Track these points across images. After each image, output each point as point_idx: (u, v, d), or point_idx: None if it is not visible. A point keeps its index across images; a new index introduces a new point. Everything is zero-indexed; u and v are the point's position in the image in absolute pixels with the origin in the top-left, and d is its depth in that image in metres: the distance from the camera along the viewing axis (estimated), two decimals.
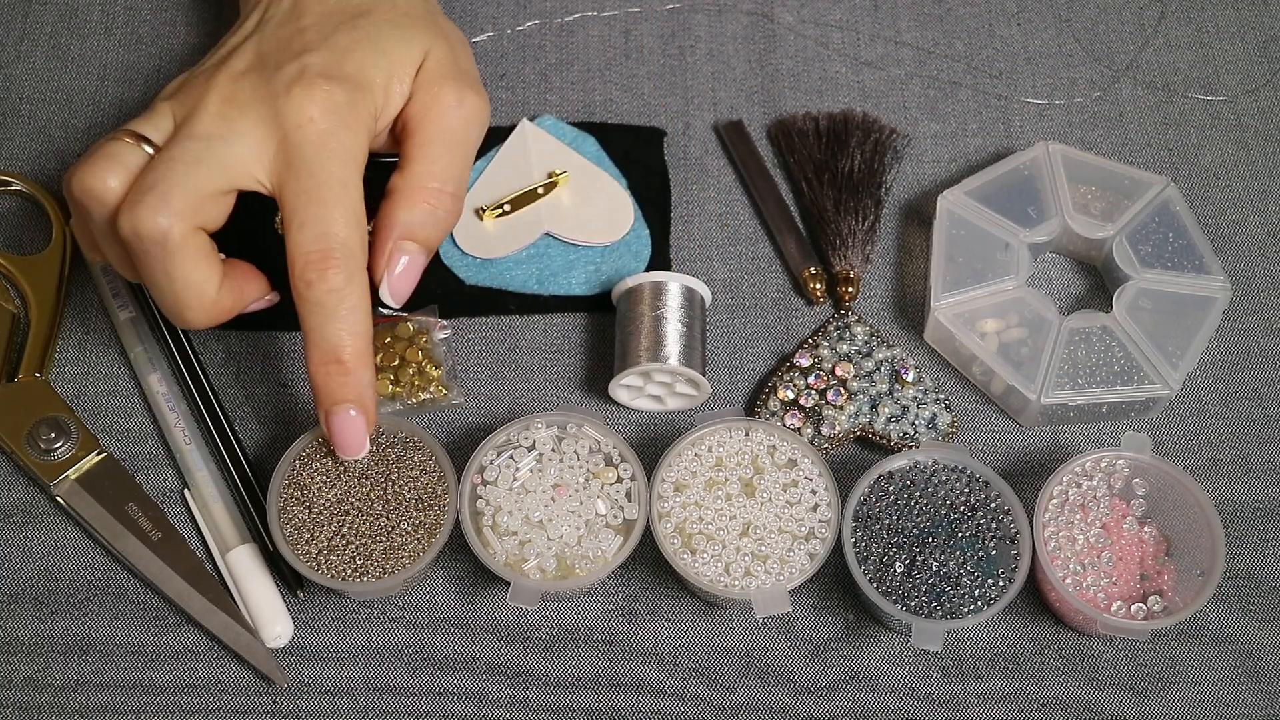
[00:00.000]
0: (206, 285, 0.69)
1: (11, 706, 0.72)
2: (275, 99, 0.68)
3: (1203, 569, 0.72)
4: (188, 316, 0.69)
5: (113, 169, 0.68)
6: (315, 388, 0.69)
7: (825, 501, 0.73)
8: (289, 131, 0.68)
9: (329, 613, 0.74)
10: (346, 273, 0.67)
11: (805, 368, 0.79)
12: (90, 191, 0.68)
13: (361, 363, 0.69)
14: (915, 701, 0.73)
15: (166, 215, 0.66)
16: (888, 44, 0.90)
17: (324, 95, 0.68)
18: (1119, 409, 0.78)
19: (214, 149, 0.67)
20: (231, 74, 0.70)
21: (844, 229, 0.82)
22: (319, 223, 0.67)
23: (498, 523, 0.73)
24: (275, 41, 0.71)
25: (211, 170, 0.67)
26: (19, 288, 0.80)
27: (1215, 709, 0.73)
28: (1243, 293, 0.82)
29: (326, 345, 0.68)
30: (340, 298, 0.67)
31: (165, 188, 0.66)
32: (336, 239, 0.67)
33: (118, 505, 0.75)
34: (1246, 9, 0.91)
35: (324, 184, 0.68)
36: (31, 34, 0.89)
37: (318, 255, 0.67)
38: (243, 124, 0.68)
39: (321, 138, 0.68)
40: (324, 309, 0.67)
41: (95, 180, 0.68)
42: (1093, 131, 0.87)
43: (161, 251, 0.67)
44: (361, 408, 0.70)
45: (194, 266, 0.68)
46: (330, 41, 0.71)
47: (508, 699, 0.73)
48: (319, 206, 0.67)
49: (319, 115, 0.68)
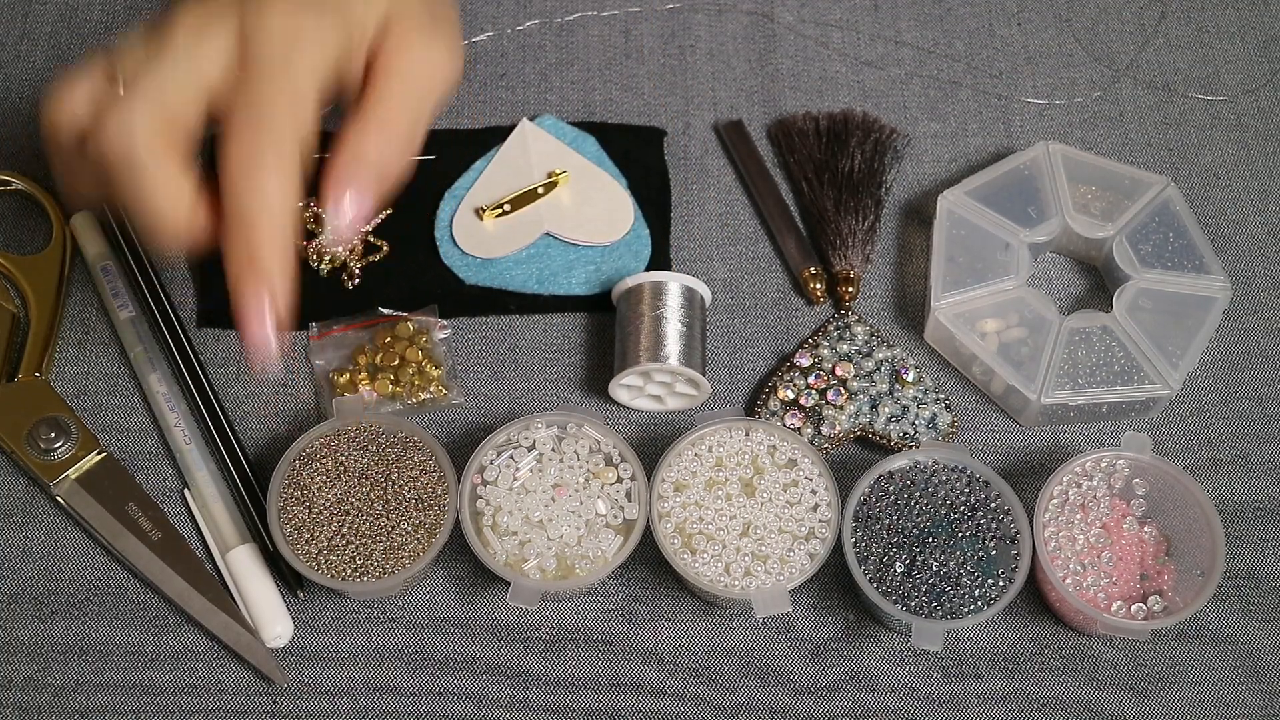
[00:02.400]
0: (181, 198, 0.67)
1: (11, 706, 0.72)
2: (243, 12, 0.67)
3: (1203, 569, 0.72)
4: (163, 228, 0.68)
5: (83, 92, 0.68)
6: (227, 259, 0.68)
7: (825, 501, 0.73)
8: (252, 35, 0.67)
9: (329, 613, 0.74)
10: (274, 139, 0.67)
11: (805, 368, 0.79)
12: (64, 117, 0.68)
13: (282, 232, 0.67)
14: (915, 701, 0.73)
15: (133, 129, 0.66)
16: (888, 44, 0.90)
17: (289, 5, 0.67)
18: (1119, 409, 0.78)
19: (180, 62, 0.67)
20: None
21: (844, 229, 0.82)
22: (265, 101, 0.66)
23: (498, 523, 0.73)
24: None
25: (176, 82, 0.67)
26: (19, 288, 0.80)
27: (1215, 709, 0.73)
28: (1243, 293, 0.82)
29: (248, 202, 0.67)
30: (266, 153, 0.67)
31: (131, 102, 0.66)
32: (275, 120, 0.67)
33: (118, 505, 0.75)
34: (1246, 9, 0.91)
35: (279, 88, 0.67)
36: (31, 34, 0.88)
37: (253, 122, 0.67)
38: (209, 35, 0.67)
39: (284, 50, 0.67)
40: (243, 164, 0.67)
41: (67, 105, 0.68)
42: (1093, 131, 0.87)
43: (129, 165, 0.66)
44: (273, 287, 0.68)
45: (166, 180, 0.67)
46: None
47: (508, 699, 0.73)
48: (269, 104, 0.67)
49: (280, 25, 0.67)
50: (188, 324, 0.80)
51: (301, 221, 0.82)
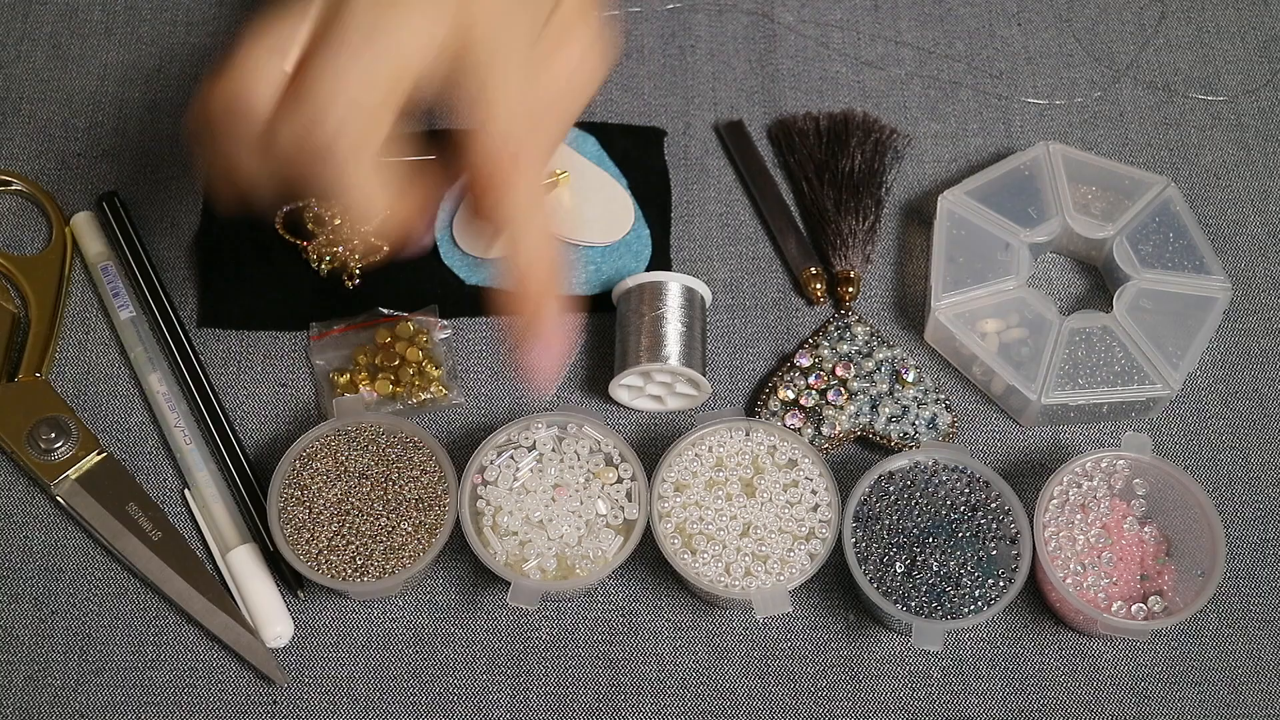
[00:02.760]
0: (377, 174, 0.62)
1: (11, 706, 0.72)
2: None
3: (1203, 569, 0.72)
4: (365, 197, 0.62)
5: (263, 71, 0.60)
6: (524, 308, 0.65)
7: (825, 501, 0.73)
8: (466, 12, 0.61)
9: (329, 613, 0.74)
10: (536, 172, 0.64)
11: (805, 368, 0.79)
12: (244, 98, 0.60)
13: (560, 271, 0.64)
14: (915, 701, 0.73)
15: (345, 103, 0.59)
16: (888, 44, 0.90)
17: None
18: (1119, 409, 0.78)
19: (382, 34, 0.60)
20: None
21: (844, 229, 0.82)
22: (509, 107, 0.62)
23: (498, 523, 0.73)
24: None
25: (382, 54, 0.60)
26: (19, 288, 0.80)
27: (1215, 709, 0.73)
28: (1243, 293, 0.82)
29: (533, 252, 0.63)
30: (536, 202, 0.63)
31: (358, 72, 0.59)
32: (526, 134, 0.62)
33: (118, 505, 0.75)
34: (1246, 9, 0.91)
35: (510, 65, 0.62)
36: (31, 34, 0.88)
37: (510, 159, 0.62)
38: (407, 8, 0.60)
39: (502, 18, 0.62)
40: (523, 214, 0.63)
41: (248, 85, 0.60)
42: (1093, 131, 0.87)
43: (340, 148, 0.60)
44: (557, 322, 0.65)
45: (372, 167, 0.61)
46: None
47: (508, 699, 0.73)
48: (508, 88, 0.62)
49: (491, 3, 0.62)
50: (188, 324, 0.80)
51: (301, 221, 0.82)
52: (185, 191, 0.84)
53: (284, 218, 0.82)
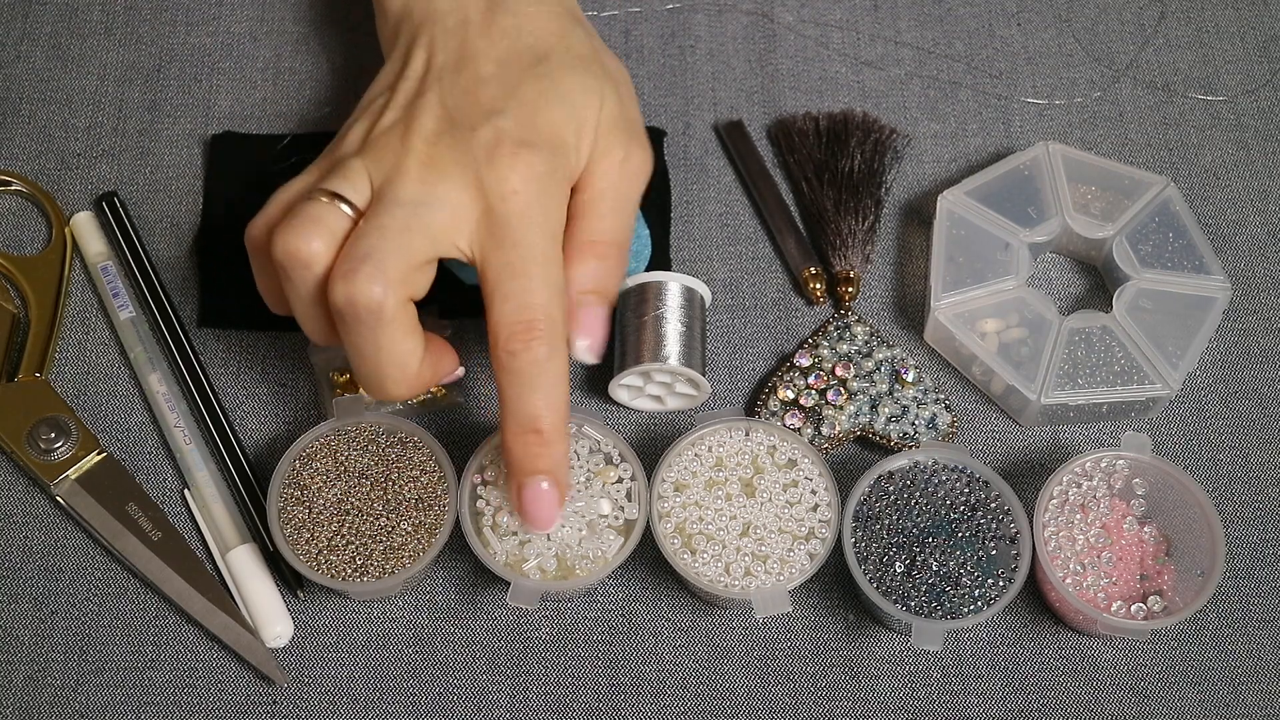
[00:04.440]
0: (412, 357, 0.68)
1: (11, 706, 0.72)
2: (476, 167, 0.67)
3: (1203, 569, 0.72)
4: (390, 388, 0.69)
5: (318, 232, 0.66)
6: (509, 457, 0.68)
7: (825, 501, 0.73)
8: (493, 203, 0.67)
9: (329, 613, 0.74)
10: (550, 345, 0.67)
11: (805, 368, 0.79)
12: (295, 255, 0.66)
13: (558, 435, 0.68)
14: (915, 701, 0.73)
15: (383, 285, 0.65)
16: (888, 44, 0.90)
17: (525, 166, 0.67)
18: (1119, 409, 0.78)
19: (421, 216, 0.66)
20: (424, 135, 0.68)
21: (844, 229, 0.82)
22: (523, 294, 0.67)
23: (498, 523, 0.73)
24: (457, 95, 0.70)
25: (421, 238, 0.66)
26: (19, 288, 0.80)
27: (1215, 709, 0.73)
28: (1243, 293, 0.82)
29: (525, 415, 0.67)
30: (542, 369, 0.67)
31: (380, 257, 0.65)
32: (540, 310, 0.67)
33: (118, 505, 0.75)
34: (1246, 9, 0.91)
35: (528, 257, 0.67)
36: (31, 34, 0.89)
37: (521, 327, 0.66)
38: (445, 190, 0.67)
39: (525, 209, 0.67)
40: (525, 379, 0.67)
41: (301, 243, 0.66)
42: (1093, 131, 0.87)
43: (376, 321, 0.66)
44: (555, 480, 0.69)
45: (404, 338, 0.67)
46: (518, 97, 0.69)
47: (508, 699, 0.73)
48: (523, 279, 0.67)
49: (522, 186, 0.67)
50: (188, 324, 0.80)
51: None
52: (185, 191, 0.84)
53: None
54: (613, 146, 0.72)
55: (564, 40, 0.73)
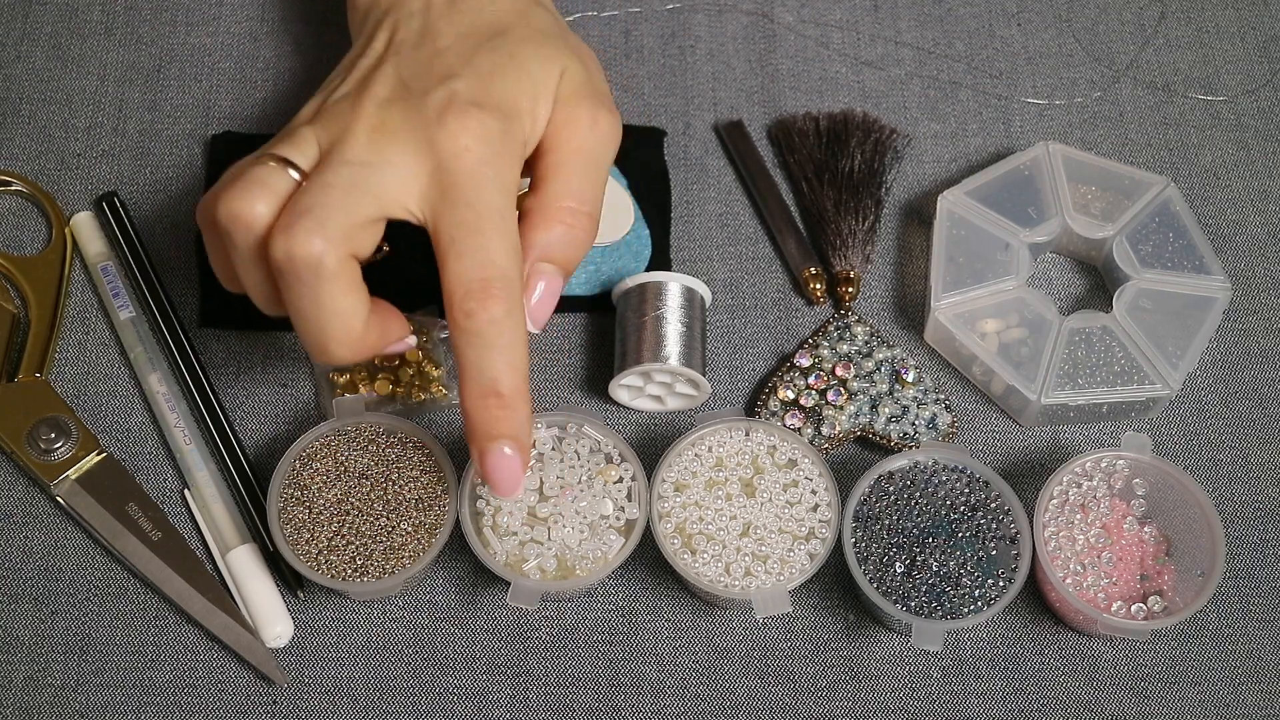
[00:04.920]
0: (355, 316, 0.67)
1: (11, 706, 0.72)
2: (427, 127, 0.66)
3: (1203, 569, 0.72)
4: (332, 349, 0.67)
5: (261, 194, 0.65)
6: (469, 422, 0.67)
7: (825, 501, 0.73)
8: (444, 160, 0.66)
9: (329, 613, 0.74)
10: (507, 304, 0.66)
11: (805, 368, 0.79)
12: (238, 216, 0.65)
13: (520, 397, 0.67)
14: (915, 701, 0.73)
15: (322, 239, 0.64)
16: (888, 44, 0.90)
17: (477, 124, 0.66)
18: (1119, 409, 0.78)
19: (368, 175, 0.66)
20: (376, 100, 0.67)
21: (844, 229, 0.82)
22: (479, 252, 0.66)
23: (498, 523, 0.73)
24: (415, 65, 0.69)
25: (366, 196, 0.65)
26: (19, 288, 0.80)
27: (1215, 709, 0.73)
28: (1243, 293, 0.82)
29: (485, 378, 0.66)
30: (500, 329, 0.66)
31: (321, 212, 0.64)
32: (497, 268, 0.66)
33: (118, 505, 0.75)
34: (1246, 9, 0.91)
35: (482, 214, 0.66)
36: (31, 34, 0.89)
37: (478, 285, 0.65)
38: (394, 152, 0.66)
39: (477, 167, 0.66)
40: (483, 340, 0.66)
41: (243, 205, 0.65)
42: (1093, 131, 0.87)
43: (314, 277, 0.64)
44: (518, 444, 0.68)
45: (345, 294, 0.66)
46: (473, 64, 0.69)
47: (508, 699, 0.73)
48: (478, 236, 0.66)
49: (474, 144, 0.66)
50: (188, 324, 0.80)
51: None
52: (185, 191, 0.84)
53: None
54: (579, 111, 0.70)
55: (524, 17, 0.72)
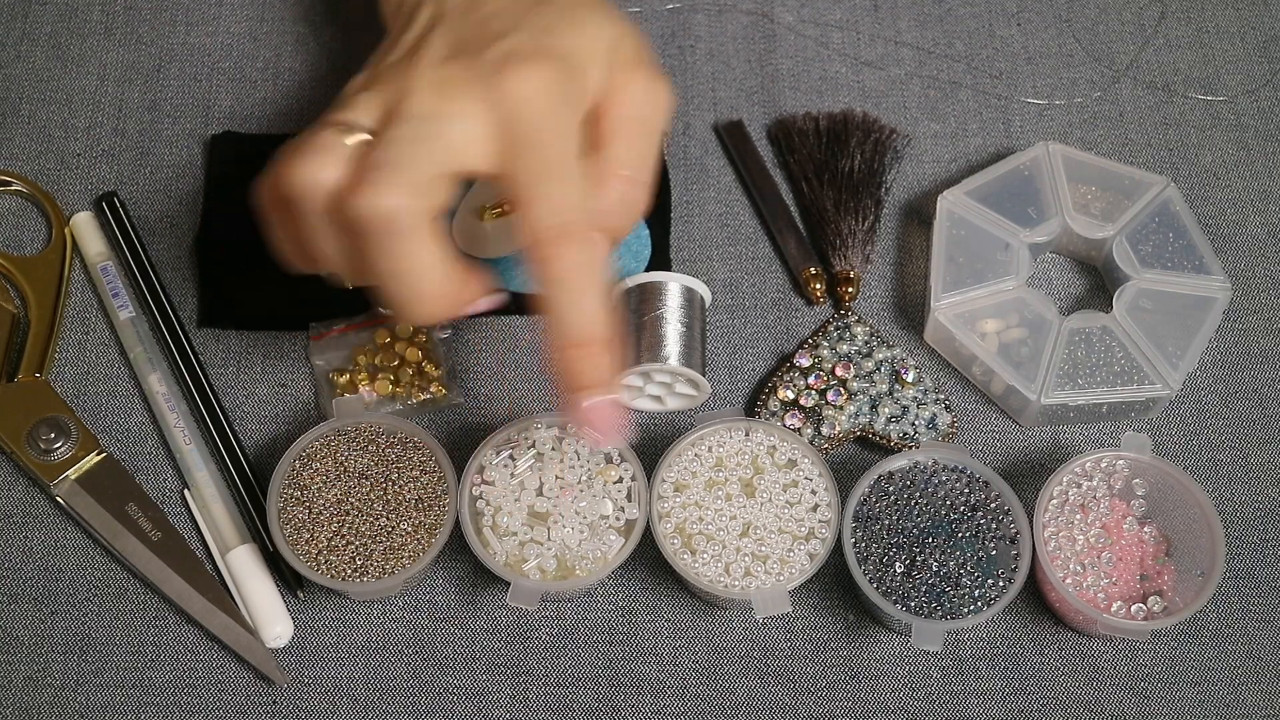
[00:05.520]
0: (439, 269, 0.65)
1: (11, 706, 0.72)
2: (489, 79, 0.64)
3: (1203, 569, 0.72)
4: (422, 306, 0.65)
5: (328, 158, 0.64)
6: (566, 373, 0.66)
7: (825, 501, 0.73)
8: (510, 110, 0.64)
9: (329, 613, 0.74)
10: (583, 249, 0.65)
11: (805, 368, 0.79)
12: (308, 183, 0.64)
13: (601, 345, 0.66)
14: (915, 701, 0.73)
15: (400, 191, 0.62)
16: (888, 44, 0.90)
17: (541, 72, 0.65)
18: (1119, 409, 0.78)
19: (437, 127, 0.64)
20: (433, 60, 0.66)
21: (844, 229, 0.82)
22: (554, 198, 0.65)
23: (498, 523, 0.73)
24: (467, 28, 0.68)
25: (437, 147, 0.64)
26: (19, 288, 0.80)
27: (1215, 709, 0.73)
28: (1243, 293, 0.82)
29: (574, 325, 0.65)
30: (584, 273, 0.65)
31: (396, 165, 0.63)
32: (573, 213, 0.65)
33: (118, 505, 0.75)
34: (1246, 9, 0.91)
35: (553, 161, 0.65)
36: (31, 34, 0.89)
37: (555, 231, 0.64)
38: (460, 104, 0.64)
39: (544, 115, 0.64)
40: (569, 284, 0.65)
41: (311, 171, 0.64)
42: (1093, 131, 0.87)
43: (396, 230, 0.63)
44: (606, 391, 0.66)
45: (428, 247, 0.64)
46: (528, 21, 0.67)
47: (508, 699, 0.73)
48: (552, 183, 0.65)
49: (538, 93, 0.64)
50: (188, 324, 0.80)
51: None
52: (185, 191, 0.84)
53: None
54: (635, 75, 0.69)
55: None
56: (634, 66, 0.70)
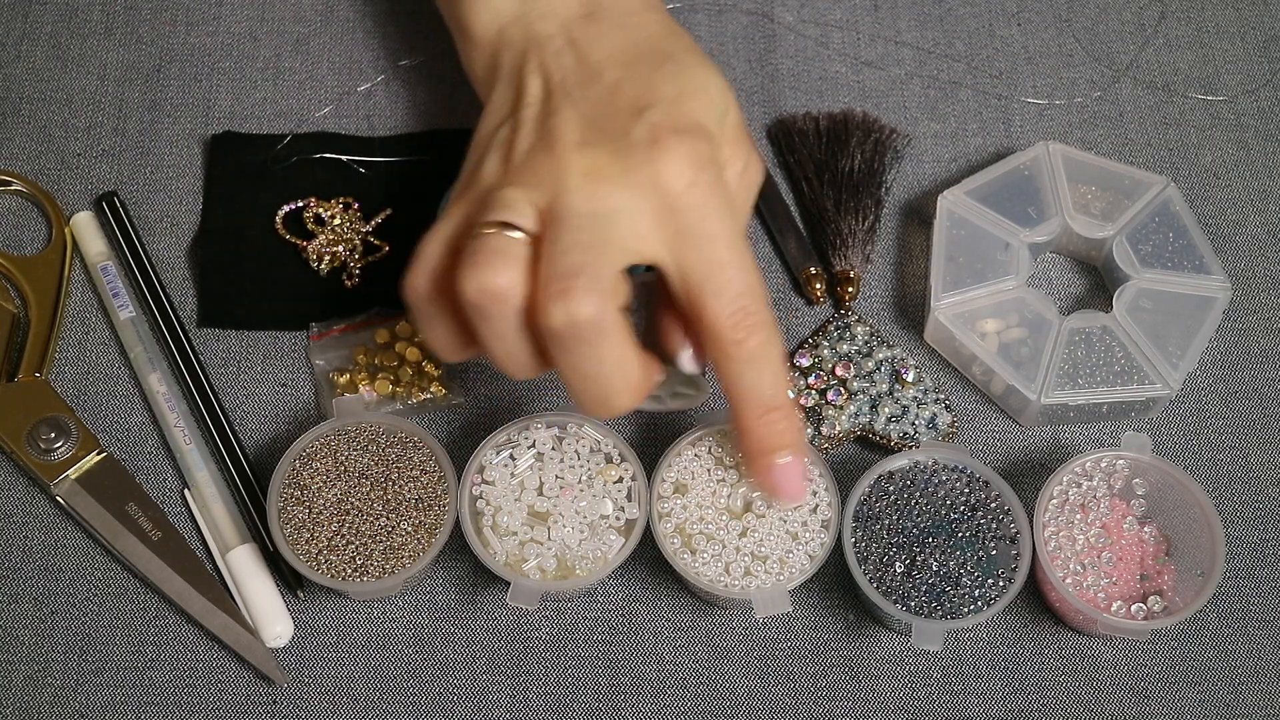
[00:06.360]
0: (634, 364, 0.66)
1: (11, 706, 0.72)
2: (644, 166, 0.64)
3: (1203, 569, 0.72)
4: (619, 401, 0.66)
5: (506, 263, 0.64)
6: (753, 440, 0.68)
7: (825, 501, 0.73)
8: (673, 200, 0.64)
9: (329, 613, 0.74)
10: (768, 326, 0.66)
11: (805, 368, 0.79)
12: (491, 292, 0.63)
13: (792, 407, 0.68)
14: (915, 701, 0.73)
15: (598, 296, 0.63)
16: (888, 44, 0.90)
17: (690, 152, 0.65)
18: (1119, 409, 0.78)
19: (607, 226, 0.64)
20: (573, 147, 0.65)
21: (844, 229, 0.82)
22: (733, 284, 0.65)
23: (498, 523, 0.73)
24: (593, 104, 0.67)
25: (615, 247, 0.64)
26: (19, 288, 0.80)
27: (1215, 709, 0.73)
28: (1243, 293, 0.82)
29: (764, 397, 0.67)
30: (767, 349, 0.66)
31: (590, 270, 0.63)
32: (755, 296, 0.66)
33: (118, 505, 0.75)
34: (1246, 9, 0.91)
35: (727, 245, 0.66)
36: (31, 34, 0.88)
37: (741, 315, 0.65)
38: (619, 197, 0.64)
39: (706, 197, 0.65)
40: (757, 363, 0.66)
41: (494, 278, 0.63)
42: (1093, 131, 0.87)
43: (599, 336, 0.63)
44: (799, 450, 0.69)
45: (625, 345, 0.65)
46: (658, 91, 0.67)
47: (508, 699, 0.73)
48: (730, 269, 0.65)
49: (693, 174, 0.65)
50: (188, 324, 0.80)
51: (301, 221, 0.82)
52: (185, 191, 0.84)
53: (284, 218, 0.82)
54: (737, 153, 0.70)
55: (679, 39, 0.71)
56: (738, 140, 0.70)
